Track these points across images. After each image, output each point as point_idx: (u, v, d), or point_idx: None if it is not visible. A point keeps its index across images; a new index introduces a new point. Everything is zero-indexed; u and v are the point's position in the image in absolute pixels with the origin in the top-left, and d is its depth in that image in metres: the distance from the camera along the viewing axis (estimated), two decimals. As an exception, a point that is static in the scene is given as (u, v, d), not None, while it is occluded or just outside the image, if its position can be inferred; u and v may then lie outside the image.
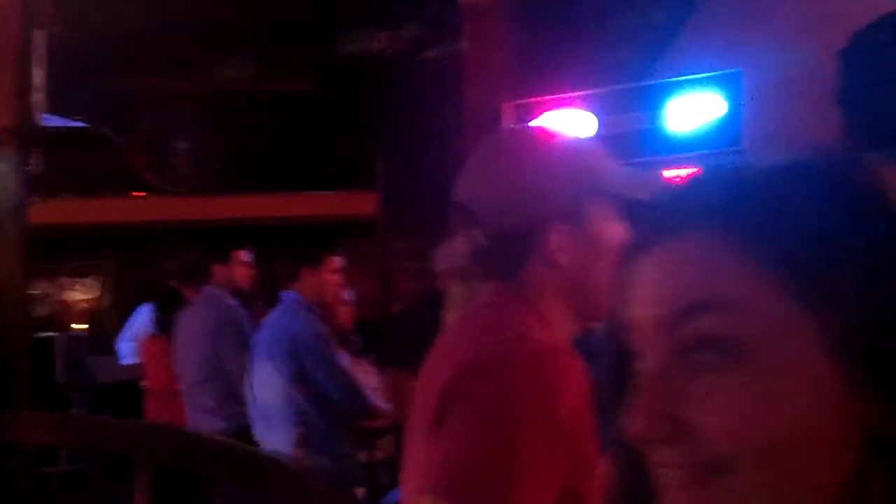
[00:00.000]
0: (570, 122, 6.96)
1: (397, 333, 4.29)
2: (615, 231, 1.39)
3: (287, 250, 4.96)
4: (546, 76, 7.15)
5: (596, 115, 6.92)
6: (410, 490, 1.28)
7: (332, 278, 4.15)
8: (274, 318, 4.16)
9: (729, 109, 6.57)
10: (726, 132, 6.64)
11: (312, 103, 9.50)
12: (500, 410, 1.17)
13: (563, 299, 1.40)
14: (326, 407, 3.86)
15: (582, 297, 1.40)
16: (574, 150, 1.48)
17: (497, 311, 1.39)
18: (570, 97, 7.00)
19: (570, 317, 1.41)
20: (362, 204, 8.66)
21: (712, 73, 6.60)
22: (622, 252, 0.78)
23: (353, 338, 4.78)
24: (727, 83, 6.57)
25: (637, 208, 1.13)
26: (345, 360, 4.08)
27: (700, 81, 6.60)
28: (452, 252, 2.66)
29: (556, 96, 7.01)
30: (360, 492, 3.75)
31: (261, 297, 5.59)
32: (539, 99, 7.10)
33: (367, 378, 4.30)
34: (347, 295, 4.65)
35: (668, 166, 6.79)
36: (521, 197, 1.40)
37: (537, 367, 1.18)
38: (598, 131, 6.85)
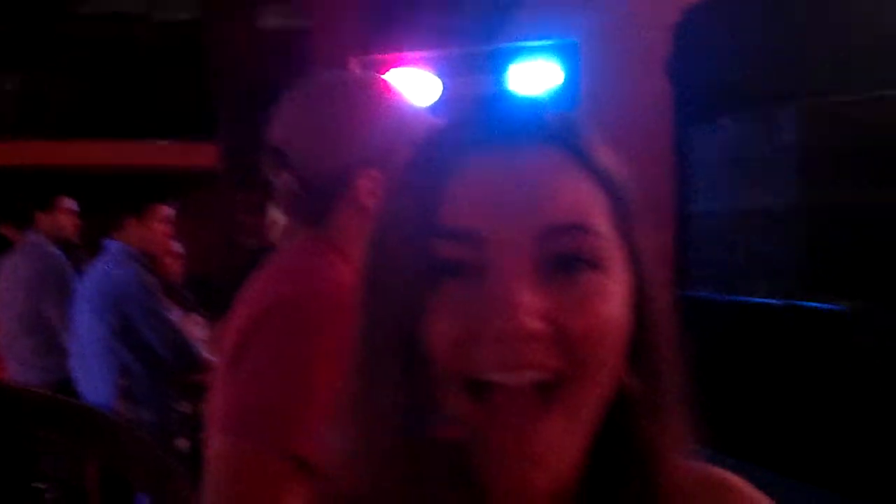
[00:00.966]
0: (414, 81, 6.98)
1: (227, 287, 4.21)
2: None
3: (119, 200, 4.78)
4: (393, 34, 7.13)
5: (440, 76, 6.97)
6: (210, 430, 1.28)
7: (159, 228, 4.02)
8: (97, 269, 3.99)
9: (566, 78, 6.78)
10: (564, 100, 6.86)
11: (153, 50, 9.08)
12: (292, 351, 1.18)
13: None
14: (151, 360, 3.76)
15: None
16: (388, 99, 1.50)
17: (301, 255, 1.39)
18: (415, 57, 7.01)
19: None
20: (202, 155, 8.39)
21: (551, 42, 6.78)
22: (427, 151, 0.76)
23: (183, 291, 4.66)
24: (564, 52, 6.77)
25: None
26: (173, 312, 3.98)
27: (540, 49, 6.77)
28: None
29: (401, 55, 7.00)
30: (184, 444, 3.70)
31: (87, 246, 5.36)
32: (384, 56, 7.07)
33: (197, 332, 4.22)
34: (176, 246, 4.53)
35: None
36: (331, 141, 1.40)
37: (333, 308, 1.20)
38: (442, 92, 6.91)
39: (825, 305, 4.76)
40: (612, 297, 0.71)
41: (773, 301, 5.07)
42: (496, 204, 0.69)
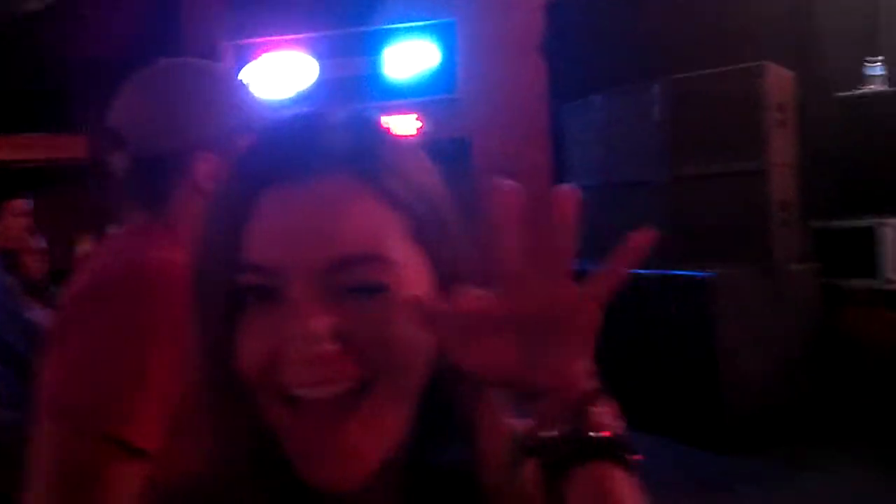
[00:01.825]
0: (289, 63, 6.90)
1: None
2: None
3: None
4: (266, 17, 6.99)
5: (316, 58, 6.91)
6: (36, 413, 1.24)
7: (16, 223, 3.83)
8: (-48, 267, 3.78)
9: (443, 58, 6.83)
10: (442, 80, 6.91)
11: (17, 39, 8.64)
12: (114, 330, 1.15)
13: None
14: (11, 359, 3.60)
15: None
16: (227, 84, 1.48)
17: (132, 236, 1.36)
18: (289, 39, 6.92)
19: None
20: (71, 147, 8.06)
21: (427, 22, 6.81)
22: (228, 185, 0.78)
23: (47, 287, 4.47)
24: (441, 32, 6.82)
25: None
26: (35, 311, 3.81)
27: (416, 30, 6.79)
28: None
29: (275, 38, 6.90)
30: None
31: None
32: (258, 40, 6.95)
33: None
34: (37, 242, 4.33)
35: (388, 112, 6.98)
36: (168, 123, 1.37)
37: (163, 287, 1.17)
38: (318, 74, 6.85)
39: (691, 273, 4.96)
40: (403, 312, 0.75)
41: (646, 271, 5.25)
42: (289, 238, 0.73)
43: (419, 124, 6.78)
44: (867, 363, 4.98)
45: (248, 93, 1.52)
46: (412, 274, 0.78)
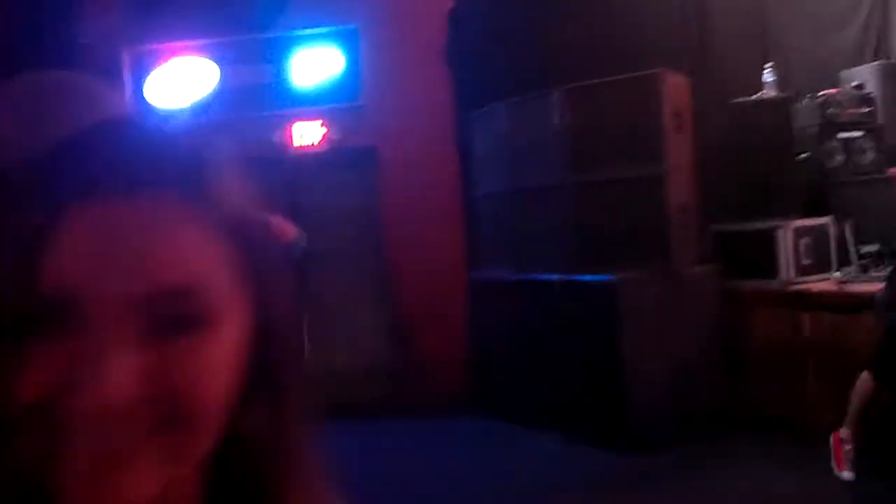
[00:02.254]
0: (191, 70, 6.74)
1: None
2: None
3: None
4: (168, 23, 6.81)
5: (219, 65, 6.77)
6: None
7: None
8: None
9: (348, 65, 6.77)
10: (347, 87, 6.84)
11: None
12: None
13: None
14: None
15: None
16: (93, 99, 1.40)
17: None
18: (191, 45, 6.76)
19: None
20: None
21: (330, 29, 6.74)
22: (24, 196, 0.70)
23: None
24: (345, 39, 6.75)
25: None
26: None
27: (320, 36, 6.71)
28: None
29: (176, 44, 6.73)
30: None
31: None
32: (159, 46, 6.77)
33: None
34: None
35: (293, 119, 6.87)
36: (20, 139, 1.29)
37: None
38: (221, 82, 6.72)
39: (595, 277, 5.00)
40: (219, 351, 0.67)
41: (550, 276, 5.28)
42: (96, 262, 0.64)
43: (324, 131, 6.70)
44: (766, 362, 5.09)
45: (124, 106, 1.43)
46: (233, 310, 0.70)
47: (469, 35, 6.48)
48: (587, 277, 5.07)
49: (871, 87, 5.88)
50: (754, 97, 5.52)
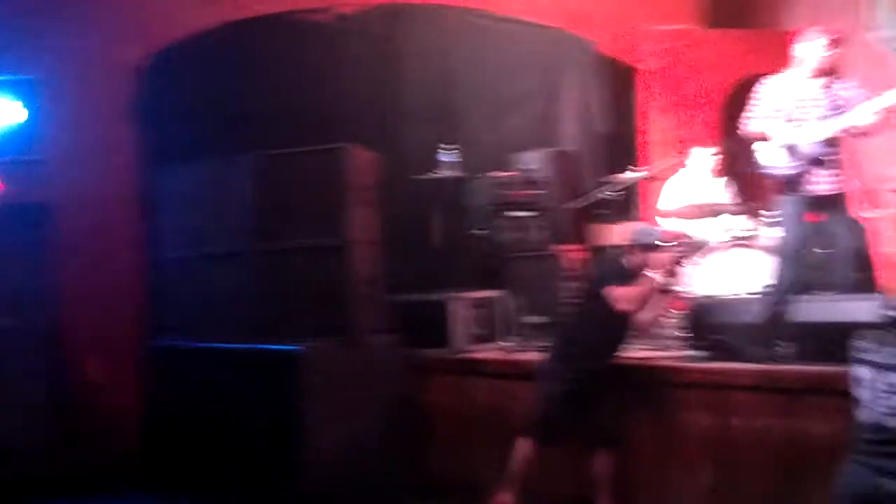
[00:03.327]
0: None
1: None
2: None
3: None
4: None
5: None
6: None
7: None
8: None
9: (28, 117, 6.29)
10: (25, 140, 6.34)
11: None
12: None
13: None
14: None
15: None
16: None
17: None
18: None
19: None
20: None
21: (8, 78, 6.25)
22: None
23: None
24: (24, 89, 6.28)
25: None
26: None
27: (-5, 85, 6.20)
28: None
29: None
30: None
31: None
32: None
33: None
34: None
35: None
36: None
37: None
38: None
39: (279, 347, 4.96)
40: None
41: (233, 346, 5.16)
42: None
43: (-2, 186, 6.14)
44: (442, 428, 5.30)
45: None
46: None
47: (159, 94, 6.30)
48: (270, 346, 5.01)
49: (541, 171, 6.44)
50: (433, 175, 5.83)
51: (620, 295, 4.05)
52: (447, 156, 5.86)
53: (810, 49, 4.49)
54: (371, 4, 6.53)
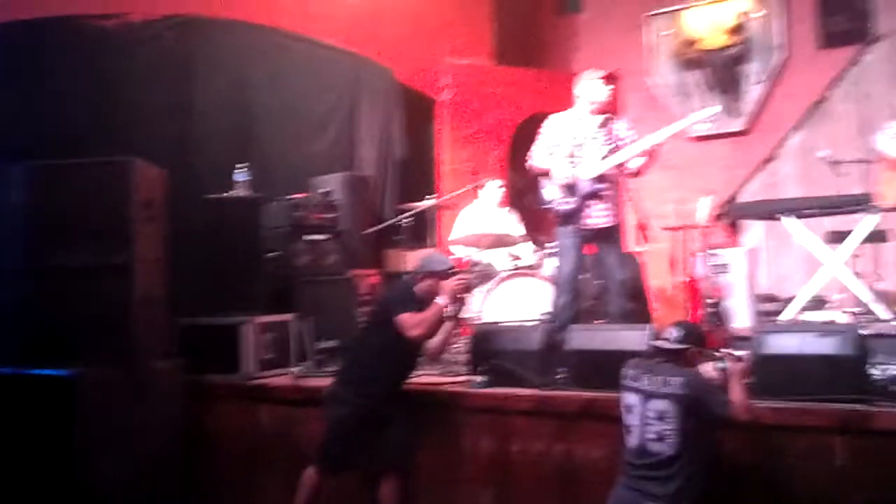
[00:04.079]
0: None
1: None
2: None
3: None
4: None
5: None
6: None
7: None
8: None
9: None
10: None
11: None
12: None
13: None
14: None
15: None
16: None
17: None
18: None
19: None
20: None
21: None
22: None
23: None
24: None
25: None
26: None
27: None
28: None
29: None
30: None
31: None
32: None
33: None
34: None
35: None
36: None
37: None
38: None
39: (51, 372, 4.63)
40: None
41: (3, 371, 4.77)
42: None
43: None
44: (229, 456, 5.14)
45: None
46: None
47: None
48: (42, 371, 4.67)
49: (337, 195, 6.45)
50: (227, 194, 5.69)
51: (410, 322, 4.11)
52: (242, 175, 5.73)
53: (587, 88, 4.80)
54: (163, 15, 6.30)
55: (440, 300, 4.19)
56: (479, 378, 4.47)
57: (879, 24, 7.39)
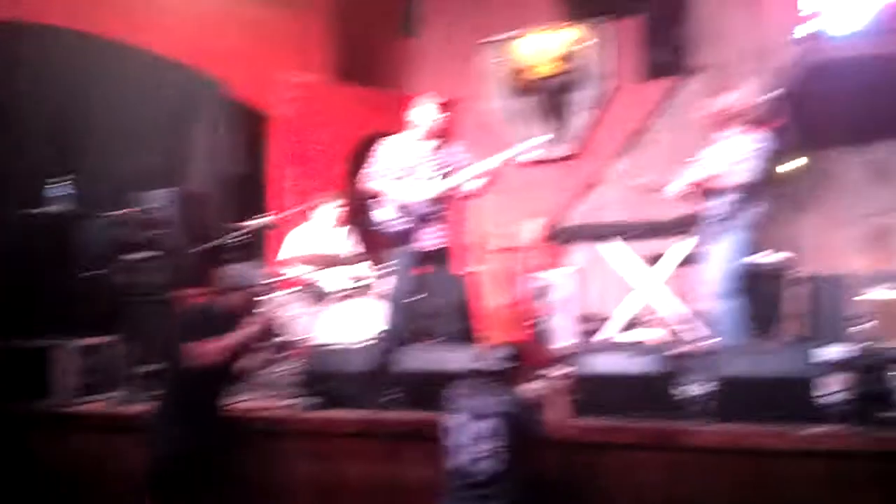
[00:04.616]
0: None
1: None
2: None
3: None
4: None
5: None
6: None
7: None
8: None
9: None
10: None
11: None
12: None
13: None
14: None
15: None
16: None
17: None
18: None
19: None
20: None
21: None
22: None
23: None
24: None
25: None
26: None
27: None
28: None
29: None
30: None
31: None
32: None
33: None
34: None
35: None
36: None
37: None
38: None
39: None
40: None
41: None
42: None
43: None
44: (41, 487, 4.83)
45: None
46: None
47: None
48: None
49: (165, 211, 6.18)
50: (45, 209, 5.37)
51: (200, 351, 3.95)
52: (61, 189, 5.42)
53: (420, 114, 4.87)
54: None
55: (253, 316, 4.08)
56: (308, 400, 4.41)
57: (699, 58, 7.86)
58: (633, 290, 6.06)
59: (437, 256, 4.90)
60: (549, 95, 8.57)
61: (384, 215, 4.87)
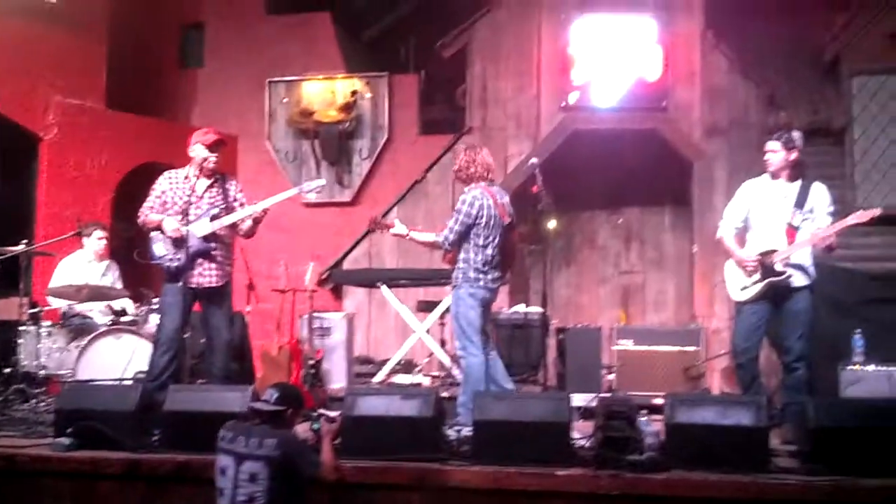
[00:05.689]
0: None
1: None
2: None
3: None
4: None
5: None
6: None
7: None
8: None
9: None
10: None
11: None
12: None
13: None
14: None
15: None
16: None
17: None
18: None
19: None
20: None
21: None
22: None
23: None
24: None
25: None
26: None
27: None
28: None
29: None
30: None
31: None
32: None
33: None
34: None
35: None
36: None
37: None
38: None
39: None
40: None
41: None
42: None
43: None
44: None
45: None
46: None
47: None
48: None
49: None
50: None
51: None
52: None
53: (197, 149, 4.81)
54: None
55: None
56: (64, 440, 4.16)
57: (471, 117, 8.32)
58: (409, 334, 6.26)
59: (215, 294, 4.82)
60: (330, 140, 8.72)
61: (160, 250, 4.76)
